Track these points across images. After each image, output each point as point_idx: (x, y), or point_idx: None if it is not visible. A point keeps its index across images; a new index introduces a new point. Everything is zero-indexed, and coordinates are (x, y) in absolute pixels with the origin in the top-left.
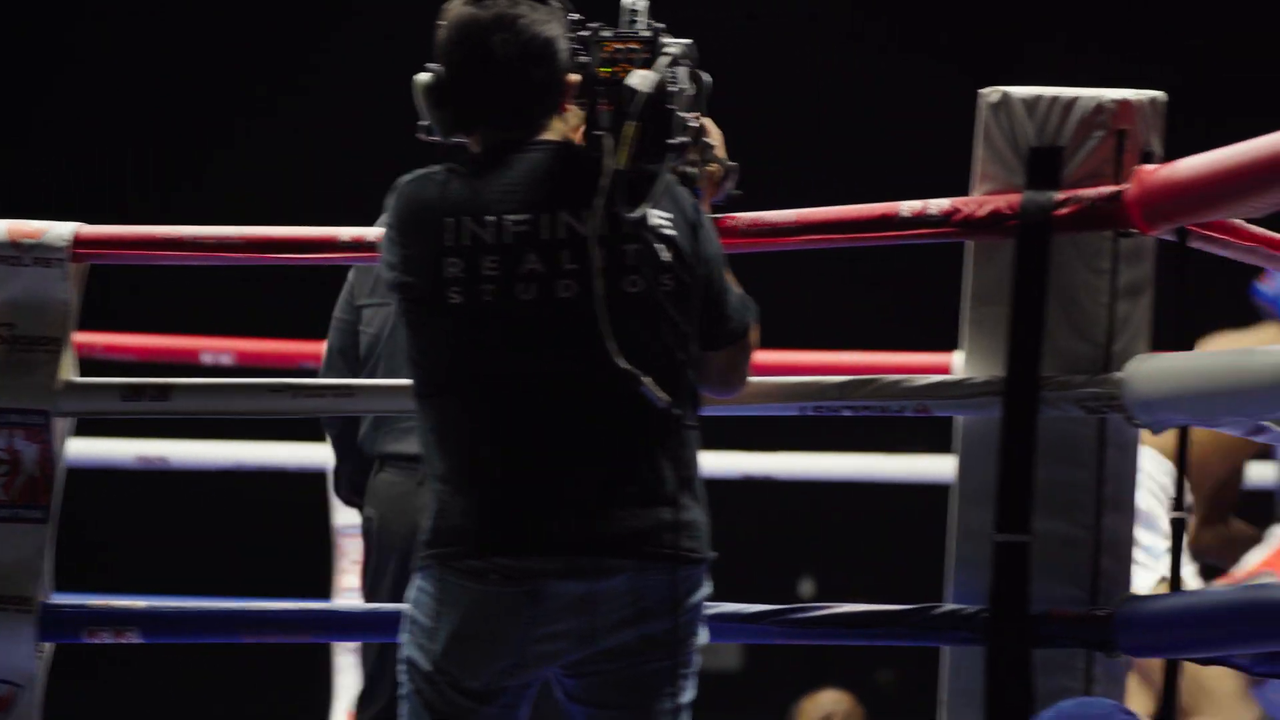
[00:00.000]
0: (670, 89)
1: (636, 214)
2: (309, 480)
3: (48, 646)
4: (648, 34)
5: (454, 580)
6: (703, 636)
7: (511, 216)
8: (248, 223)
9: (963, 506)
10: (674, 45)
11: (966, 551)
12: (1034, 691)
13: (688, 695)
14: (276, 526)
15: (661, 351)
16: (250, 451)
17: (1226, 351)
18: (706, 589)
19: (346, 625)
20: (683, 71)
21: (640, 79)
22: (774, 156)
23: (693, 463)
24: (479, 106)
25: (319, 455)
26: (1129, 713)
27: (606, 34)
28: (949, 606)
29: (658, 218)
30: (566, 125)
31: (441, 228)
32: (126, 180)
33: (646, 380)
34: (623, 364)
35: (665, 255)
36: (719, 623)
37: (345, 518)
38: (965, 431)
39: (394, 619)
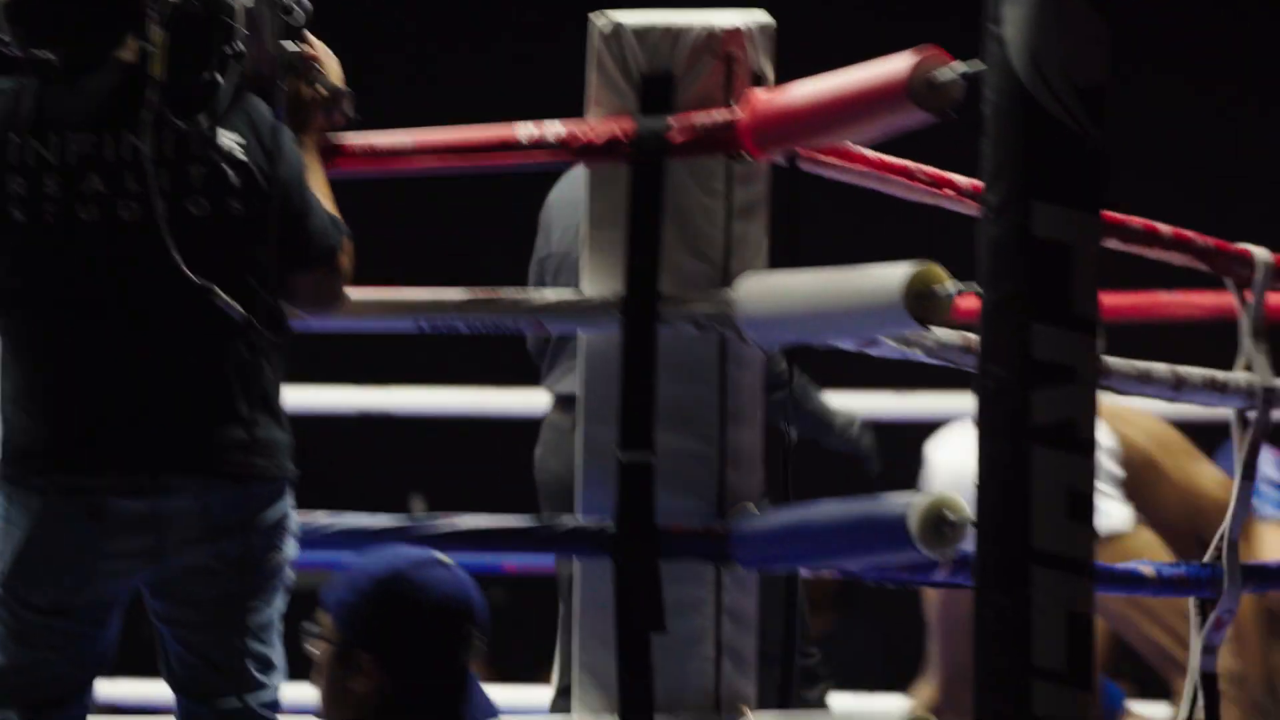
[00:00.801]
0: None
1: (191, 125)
2: None
3: None
4: None
5: (19, 499)
6: (289, 552)
7: (75, 135)
8: None
9: (588, 424)
10: None
11: (594, 468)
12: (662, 602)
13: (271, 612)
14: None
15: (231, 274)
16: None
17: (831, 270)
18: (285, 505)
19: None
20: None
21: None
22: (395, 81)
23: (271, 382)
24: (49, 22)
25: None
26: (442, 563)
27: None
28: (574, 522)
29: (229, 140)
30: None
31: (5, 143)
32: None
33: (219, 294)
34: (196, 279)
35: (234, 178)
36: (344, 538)
37: None
38: (588, 350)
39: None
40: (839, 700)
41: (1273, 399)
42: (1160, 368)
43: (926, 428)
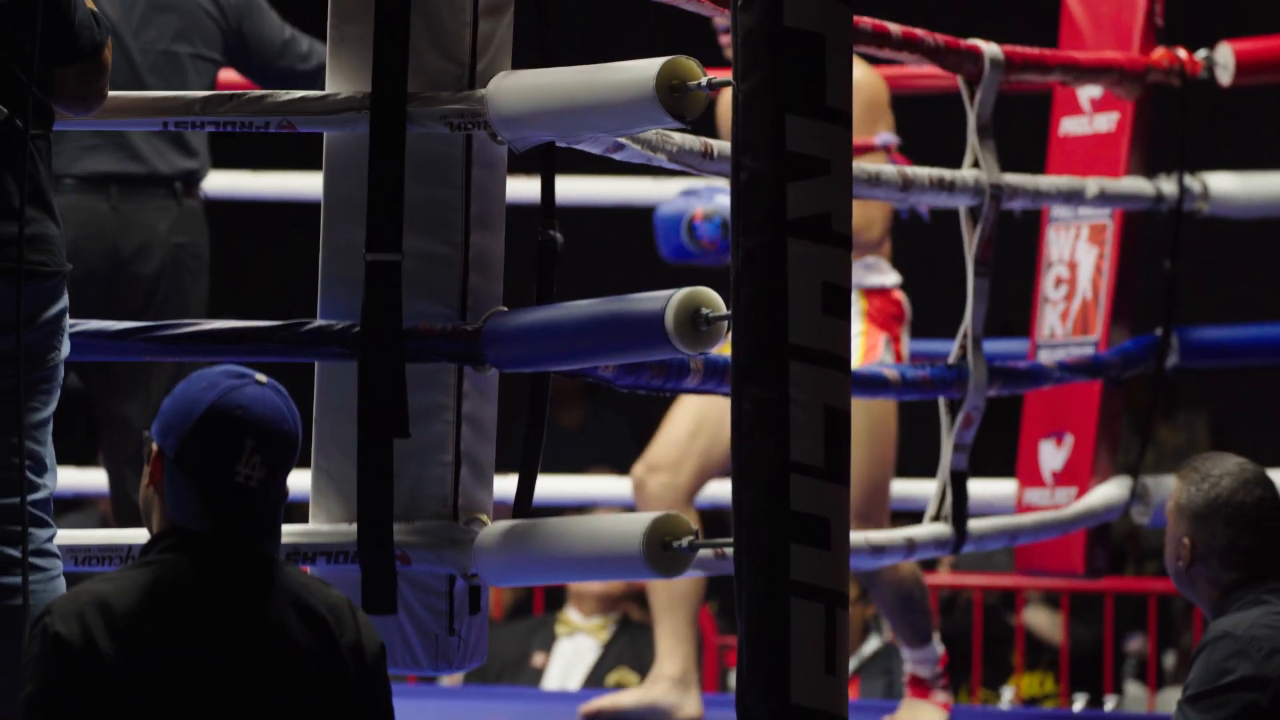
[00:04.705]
0: None
1: None
2: None
3: None
4: None
5: None
6: (64, 350)
7: None
8: None
9: (331, 224)
10: None
11: (336, 269)
12: (405, 405)
13: (46, 412)
14: None
15: None
16: None
17: (584, 69)
18: (62, 303)
19: None
20: None
21: None
22: None
23: (41, 176)
24: None
25: None
26: (263, 381)
27: None
28: (318, 323)
29: None
30: None
31: None
32: None
33: None
34: None
35: None
36: (83, 340)
37: None
38: (331, 148)
39: None
40: (597, 483)
41: (999, 194)
42: (889, 169)
43: None
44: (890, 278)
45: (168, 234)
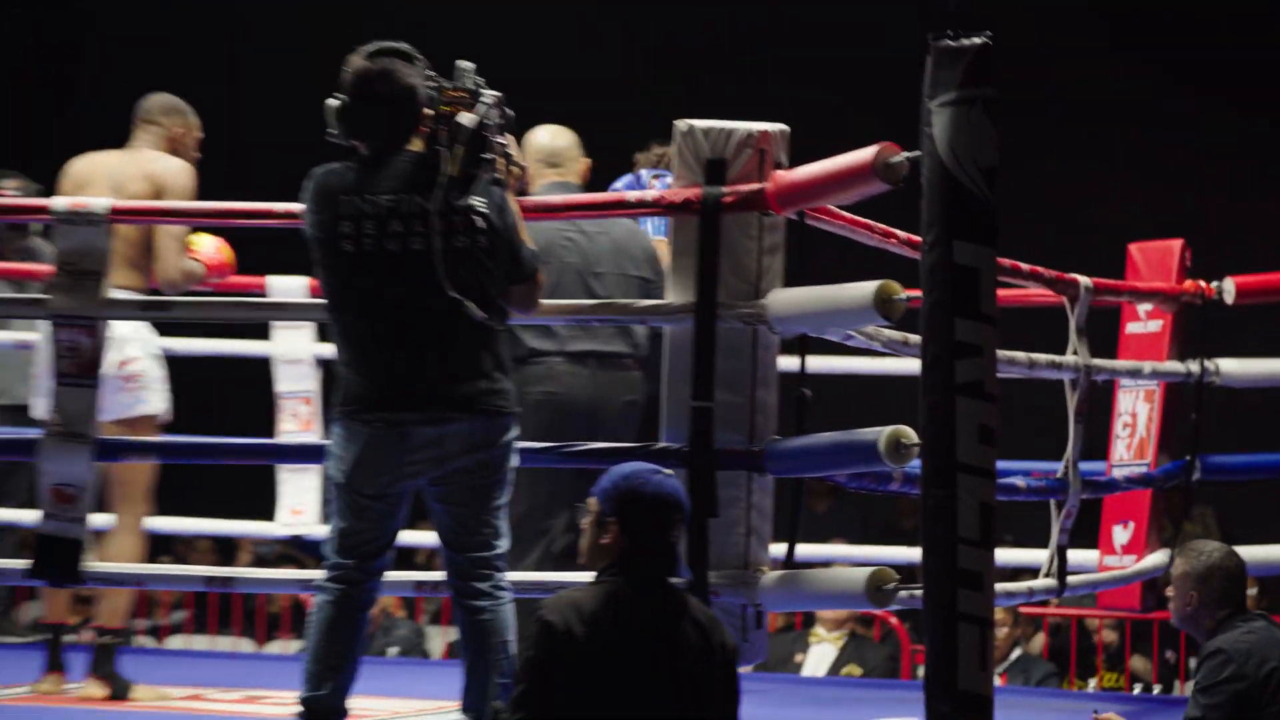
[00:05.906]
0: (486, 124)
1: (464, 202)
2: (260, 364)
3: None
4: (471, 87)
5: (355, 427)
6: (514, 461)
7: (384, 197)
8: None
9: (671, 383)
10: (490, 96)
11: (674, 411)
12: (716, 496)
13: (503, 500)
14: (231, 393)
15: (479, 284)
16: (222, 345)
17: (827, 288)
18: (515, 432)
19: (288, 453)
20: (495, 111)
21: (468, 119)
22: None
23: (500, 351)
24: (366, 127)
25: (262, 348)
26: (662, 471)
27: (446, 84)
28: (662, 444)
29: (477, 202)
30: (423, 140)
31: (339, 202)
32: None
33: (468, 304)
34: (452, 293)
35: (481, 224)
36: (520, 454)
37: (287, 385)
38: (672, 337)
39: (318, 449)
40: (836, 549)
41: (1090, 371)
42: (1020, 354)
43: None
44: None
45: (621, 394)
